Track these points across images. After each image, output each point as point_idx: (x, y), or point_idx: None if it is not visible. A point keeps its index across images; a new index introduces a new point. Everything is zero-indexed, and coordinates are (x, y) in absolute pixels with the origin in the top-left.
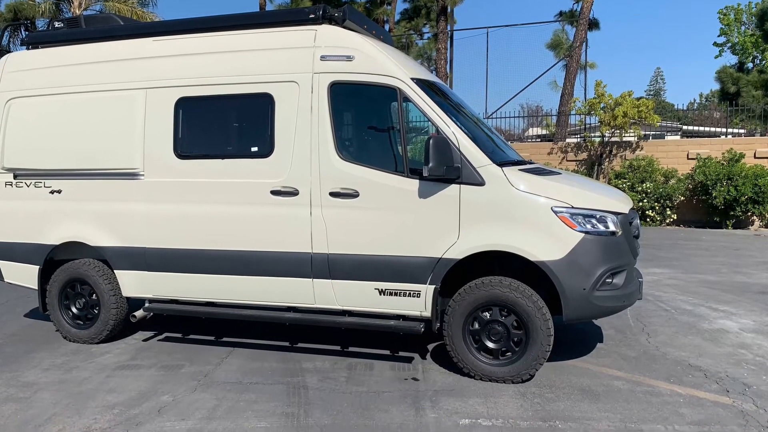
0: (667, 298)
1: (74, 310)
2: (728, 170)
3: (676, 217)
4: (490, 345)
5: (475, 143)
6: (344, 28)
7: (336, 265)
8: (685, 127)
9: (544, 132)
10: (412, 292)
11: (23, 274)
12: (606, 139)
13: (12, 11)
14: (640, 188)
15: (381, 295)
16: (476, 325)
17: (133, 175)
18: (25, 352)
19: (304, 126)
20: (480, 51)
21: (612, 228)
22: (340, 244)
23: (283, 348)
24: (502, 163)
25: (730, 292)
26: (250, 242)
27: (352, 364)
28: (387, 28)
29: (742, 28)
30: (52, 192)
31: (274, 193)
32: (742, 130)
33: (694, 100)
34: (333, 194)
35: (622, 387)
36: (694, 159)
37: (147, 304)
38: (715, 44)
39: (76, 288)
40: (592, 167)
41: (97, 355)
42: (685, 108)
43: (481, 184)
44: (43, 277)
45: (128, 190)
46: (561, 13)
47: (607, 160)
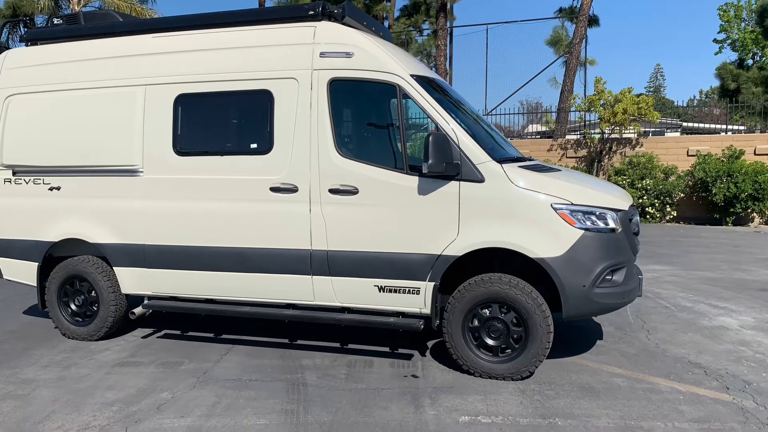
0: (667, 295)
1: (73, 307)
2: (728, 167)
3: (675, 214)
4: (490, 342)
5: (474, 140)
6: (343, 24)
7: (335, 262)
8: (685, 124)
9: (544, 129)
10: (412, 289)
11: (22, 271)
12: (606, 136)
13: (11, 7)
14: (639, 185)
15: (380, 292)
16: (476, 322)
17: (132, 172)
18: (24, 349)
19: (304, 123)
20: (479, 48)
21: (612, 225)
22: (340, 241)
23: (283, 345)
24: (502, 159)
25: (730, 289)
26: (249, 239)
27: (352, 361)
28: (386, 24)
29: (742, 25)
30: (51, 189)
31: (273, 189)
32: (742, 127)
33: (694, 97)
34: (332, 191)
35: (621, 384)
36: (694, 156)
37: (146, 301)
38: (715, 41)
39: (75, 285)
40: (591, 164)
41: (96, 352)
42: (685, 105)
43: (481, 180)
44: (42, 274)
45: (127, 186)
46: (561, 10)
47: (607, 156)
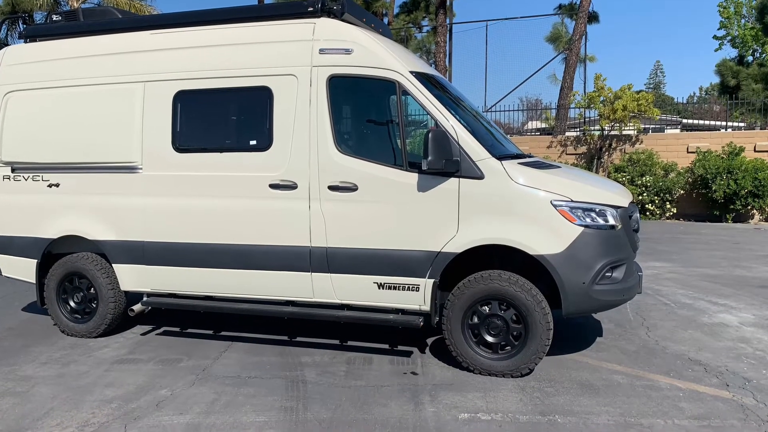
0: (667, 291)
1: (72, 304)
2: (728, 164)
3: (675, 211)
4: (490, 339)
5: (474, 137)
6: (343, 21)
7: (334, 259)
8: (684, 121)
9: (544, 125)
10: (411, 286)
11: (21, 268)
12: (605, 133)
13: (10, 4)
14: (639, 182)
15: (380, 289)
16: (475, 319)
17: (131, 169)
18: (23, 346)
19: (303, 119)
20: (479, 44)
21: (611, 221)
22: (339, 238)
23: (282, 342)
24: (502, 156)
25: (730, 285)
26: (248, 236)
27: (351, 358)
28: (386, 21)
29: (742, 21)
30: (50, 185)
31: (272, 186)
32: (742, 124)
33: (694, 94)
34: (332, 188)
35: (621, 381)
36: (693, 152)
37: (145, 298)
38: (715, 37)
39: (74, 282)
40: (591, 161)
41: (95, 349)
42: (684, 101)
43: (480, 177)
44: (41, 271)
45: (126, 183)
46: (560, 6)
47: (607, 153)
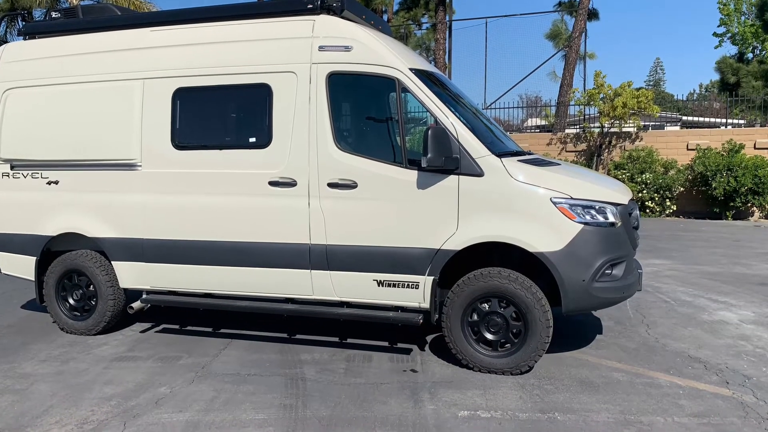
0: (667, 289)
1: (71, 301)
2: (728, 161)
3: (675, 208)
4: (489, 336)
5: (473, 134)
6: (342, 18)
7: (334, 257)
8: (684, 118)
9: (543, 122)
10: (411, 284)
11: (20, 266)
12: (605, 130)
13: (9, 1)
14: (639, 179)
15: (379, 286)
16: (475, 317)
17: (130, 166)
18: (22, 344)
19: (302, 116)
20: (479, 41)
21: (611, 219)
22: (338, 235)
23: (281, 339)
24: (501, 153)
25: (730, 283)
26: (247, 233)
27: (351, 355)
28: (385, 18)
29: (742, 18)
30: (49, 183)
31: (272, 183)
32: (742, 121)
33: (694, 91)
34: (331, 185)
35: (621, 379)
36: (693, 150)
37: (144, 296)
38: (715, 34)
39: (73, 279)
40: (591, 158)
41: (95, 346)
42: (684, 98)
43: (480, 174)
44: (40, 269)
45: (126, 181)
46: (560, 3)
47: (607, 150)
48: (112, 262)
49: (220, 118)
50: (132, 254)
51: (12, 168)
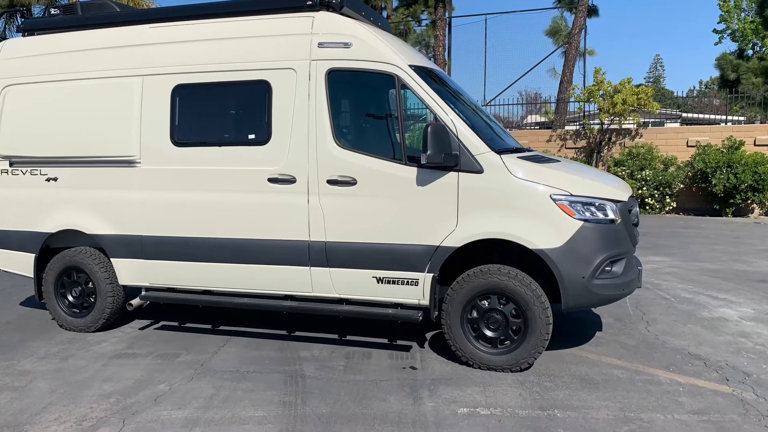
0: (667, 286)
1: (70, 298)
2: (728, 158)
3: (675, 205)
4: (489, 333)
5: (473, 131)
6: (342, 14)
7: (333, 253)
8: (684, 115)
9: (543, 119)
10: (410, 281)
11: (19, 262)
12: (605, 127)
13: None
14: (639, 176)
15: (379, 283)
16: (474, 314)
17: (129, 163)
18: (20, 341)
19: (302, 113)
20: (478, 38)
21: (611, 216)
22: (338, 232)
23: (281, 337)
24: (501, 150)
25: (730, 280)
26: (247, 230)
27: (350, 352)
28: (385, 14)
29: (742, 15)
30: (48, 180)
31: (271, 180)
32: (741, 118)
33: (694, 88)
34: (330, 182)
35: (621, 376)
36: (693, 146)
37: (143, 293)
38: (715, 31)
39: (72, 276)
40: (591, 155)
41: (94, 343)
42: (684, 95)
43: (480, 171)
44: (39, 265)
45: (125, 177)
46: (560, 0)
47: (606, 147)
48: (111, 259)
49: (220, 114)
50: (131, 251)
51: (11, 165)
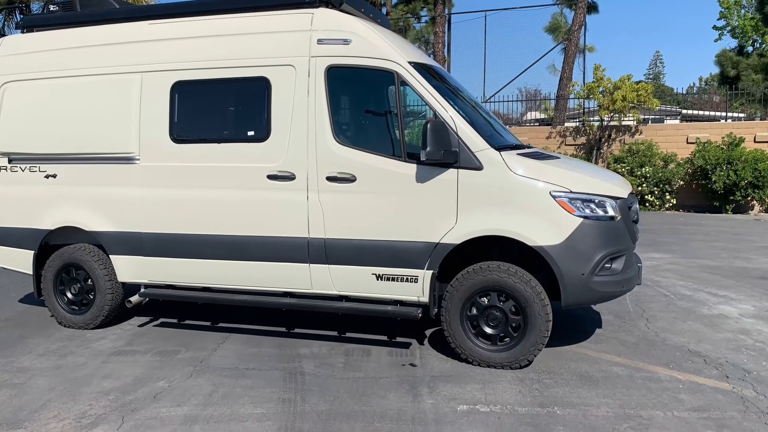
0: (667, 283)
1: (69, 295)
2: (728, 154)
3: (675, 202)
4: (488, 331)
5: (473, 127)
6: (341, 11)
7: (333, 250)
8: (684, 111)
9: (543, 116)
10: (410, 278)
11: (18, 259)
12: (605, 123)
13: None
14: (639, 173)
15: (378, 280)
16: (474, 311)
17: (128, 160)
18: (19, 338)
19: (301, 110)
20: (478, 35)
21: (611, 213)
22: (337, 229)
23: (280, 334)
24: (501, 147)
25: (730, 277)
26: (246, 227)
27: (349, 349)
28: (384, 11)
29: (742, 12)
30: (47, 176)
31: (270, 177)
32: (741, 114)
33: (694, 84)
34: (330, 179)
35: (621, 373)
36: (693, 143)
37: (143, 290)
38: (715, 28)
39: (71, 273)
40: (590, 151)
41: (93, 340)
42: (684, 92)
43: (479, 168)
44: (38, 262)
45: (124, 174)
46: None
47: (606, 144)
48: (110, 256)
49: (219, 111)
50: (130, 248)
51: (10, 161)
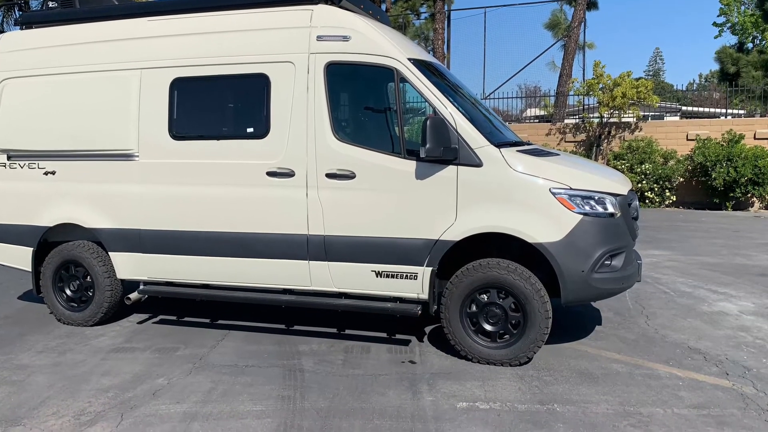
0: (666, 280)
1: (68, 292)
2: (728, 151)
3: (675, 199)
4: (488, 328)
5: (472, 124)
6: (341, 7)
7: (332, 247)
8: (684, 108)
9: (542, 113)
10: (409, 274)
11: (17, 256)
12: (604, 120)
13: None
14: (639, 169)
15: (378, 277)
16: (474, 308)
17: (127, 157)
18: (18, 335)
19: (300, 107)
20: (477, 31)
21: (610, 209)
22: (337, 226)
23: (279, 331)
24: (500, 144)
25: (730, 274)
26: (245, 224)
27: (349, 346)
28: (384, 7)
29: (742, 8)
30: (46, 173)
31: (269, 174)
32: (741, 111)
33: (694, 81)
34: (329, 175)
35: (620, 370)
36: (693, 140)
37: (142, 287)
38: (715, 24)
39: (70, 270)
40: (590, 148)
41: (92, 337)
42: (684, 89)
43: (479, 165)
44: (37, 259)
45: (123, 171)
46: None
47: (606, 141)
48: (110, 253)
49: (218, 108)
50: (129, 245)
51: (9, 158)
